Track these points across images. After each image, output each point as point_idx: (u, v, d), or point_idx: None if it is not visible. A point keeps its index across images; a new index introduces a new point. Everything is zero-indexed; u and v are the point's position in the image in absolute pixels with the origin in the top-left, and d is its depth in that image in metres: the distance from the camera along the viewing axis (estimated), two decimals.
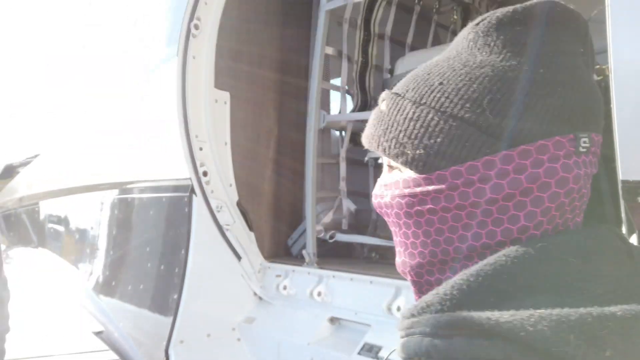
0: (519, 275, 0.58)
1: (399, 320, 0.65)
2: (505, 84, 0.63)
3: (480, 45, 0.68)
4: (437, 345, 0.55)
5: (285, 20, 3.19)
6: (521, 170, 0.62)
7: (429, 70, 0.71)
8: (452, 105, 0.65)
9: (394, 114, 0.70)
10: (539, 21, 0.66)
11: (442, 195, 0.66)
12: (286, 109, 3.20)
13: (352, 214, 3.06)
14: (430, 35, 3.62)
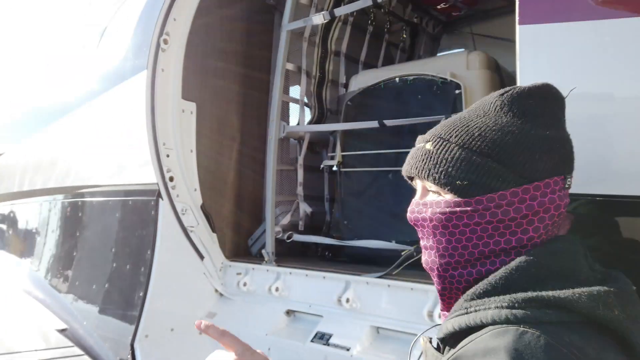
0: (540, 268, 0.89)
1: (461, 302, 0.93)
2: (526, 140, 0.95)
3: (506, 111, 0.99)
4: (516, 314, 0.83)
5: (248, 37, 3.43)
6: (534, 198, 0.94)
7: (466, 123, 1.01)
8: (490, 151, 0.95)
9: (442, 152, 0.99)
10: (543, 97, 1.00)
11: (476, 213, 0.95)
12: (247, 119, 3.43)
13: (308, 216, 3.32)
14: (382, 53, 3.95)
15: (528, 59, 1.62)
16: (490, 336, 0.83)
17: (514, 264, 0.91)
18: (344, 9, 2.93)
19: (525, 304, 0.84)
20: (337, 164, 2.97)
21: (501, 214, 0.94)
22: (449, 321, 0.95)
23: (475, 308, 0.89)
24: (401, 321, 2.31)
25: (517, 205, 0.93)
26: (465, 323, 0.90)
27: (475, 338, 0.86)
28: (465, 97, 2.51)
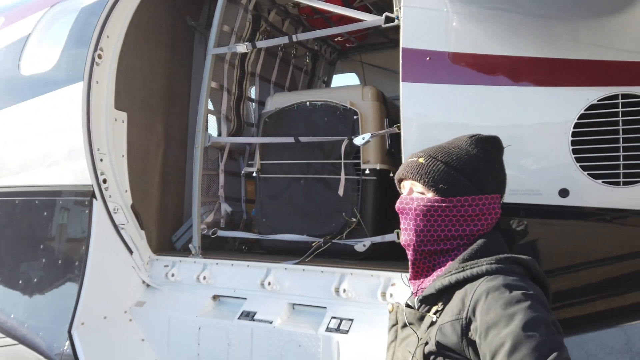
0: (492, 246, 1.41)
1: (452, 266, 1.39)
2: (484, 167, 1.47)
3: (472, 147, 1.49)
4: (499, 268, 1.31)
5: (171, 53, 3.81)
6: (484, 204, 1.45)
7: (448, 149, 1.50)
8: (462, 169, 1.45)
9: (430, 165, 1.46)
10: (493, 144, 1.53)
11: (448, 209, 1.43)
12: (171, 127, 3.82)
13: (228, 214, 3.82)
14: (289, 74, 4.57)
15: (408, 102, 2.36)
16: (487, 281, 1.31)
17: (480, 242, 1.42)
18: (264, 43, 3.50)
19: (503, 262, 1.36)
20: (256, 171, 3.51)
21: (464, 211, 1.44)
22: (445, 278, 1.39)
23: (470, 267, 1.37)
24: (313, 297, 2.93)
25: (474, 207, 1.44)
26: (463, 276, 1.35)
27: (477, 285, 1.31)
28: (361, 122, 3.23)
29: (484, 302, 1.27)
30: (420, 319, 1.43)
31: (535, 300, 1.25)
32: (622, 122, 2.02)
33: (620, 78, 2.03)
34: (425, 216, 1.45)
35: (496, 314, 1.23)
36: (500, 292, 1.26)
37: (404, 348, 1.46)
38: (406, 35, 2.35)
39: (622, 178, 2.04)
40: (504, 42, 2.21)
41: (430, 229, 1.45)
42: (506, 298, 1.24)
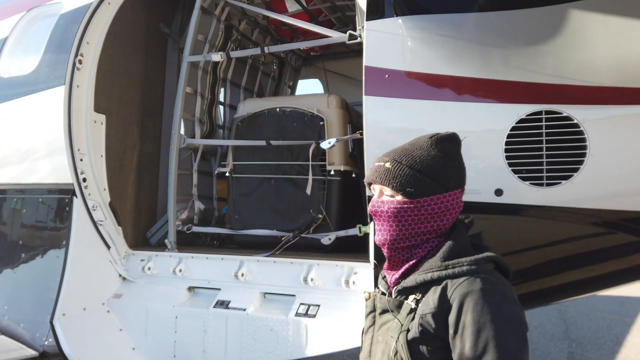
0: (462, 243, 1.53)
1: (431, 268, 1.48)
2: (448, 165, 1.56)
3: (433, 147, 1.57)
4: (477, 269, 1.43)
5: (146, 58, 4.01)
6: (448, 201, 1.55)
7: (411, 152, 1.57)
8: (426, 171, 1.53)
9: (397, 170, 1.54)
10: (452, 141, 1.61)
11: (416, 209, 1.53)
12: (145, 128, 4.02)
13: (201, 212, 4.07)
14: (258, 80, 4.85)
15: (369, 113, 2.71)
16: (468, 283, 1.43)
17: (452, 241, 1.53)
18: (238, 53, 3.78)
19: (479, 262, 1.48)
20: (229, 171, 3.78)
21: (430, 210, 1.55)
22: (427, 274, 1.49)
23: (452, 266, 1.48)
24: (283, 286, 3.24)
25: (439, 205, 1.54)
26: (446, 274, 1.46)
27: (458, 284, 1.43)
28: (327, 127, 3.56)
29: (464, 302, 1.41)
30: (398, 306, 1.56)
31: (507, 304, 1.42)
32: (545, 134, 2.44)
33: (544, 97, 2.45)
34: (396, 217, 1.55)
35: (472, 317, 1.39)
36: (479, 297, 1.40)
37: (384, 333, 1.58)
38: (368, 54, 2.70)
39: (545, 180, 2.46)
40: (450, 64, 2.59)
41: (401, 228, 1.56)
42: (483, 303, 1.39)
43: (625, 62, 2.36)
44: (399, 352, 1.49)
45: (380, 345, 1.59)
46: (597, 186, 2.40)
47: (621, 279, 2.69)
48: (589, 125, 2.38)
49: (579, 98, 2.41)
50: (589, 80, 2.40)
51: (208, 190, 4.24)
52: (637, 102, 2.33)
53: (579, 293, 2.88)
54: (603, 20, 2.41)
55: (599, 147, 2.37)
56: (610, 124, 2.38)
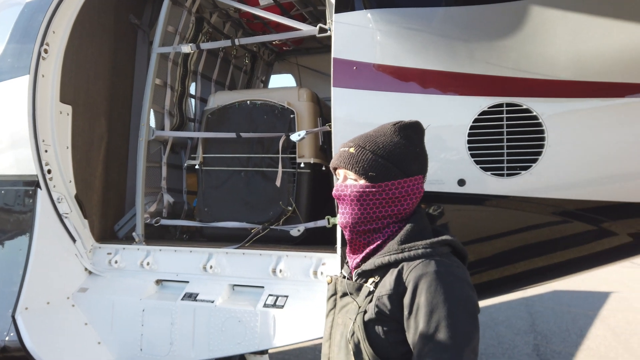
0: (421, 226, 1.58)
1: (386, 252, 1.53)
2: (407, 152, 1.59)
3: (396, 134, 1.61)
4: (432, 252, 1.48)
5: (115, 49, 3.96)
6: (409, 186, 1.58)
7: (374, 138, 1.61)
8: (388, 156, 1.57)
9: (361, 155, 1.58)
10: (415, 128, 1.65)
11: (378, 193, 1.57)
12: (114, 120, 3.97)
13: (170, 205, 4.03)
14: (229, 74, 4.83)
15: (338, 105, 2.74)
16: (422, 265, 1.47)
17: (413, 225, 1.57)
18: (209, 45, 3.76)
19: (434, 245, 1.52)
20: (199, 164, 3.76)
21: (392, 194, 1.59)
22: (384, 257, 1.53)
23: (409, 249, 1.52)
24: (252, 278, 3.25)
25: (400, 190, 1.58)
26: (402, 257, 1.50)
27: (413, 267, 1.47)
28: (297, 120, 3.58)
29: (419, 284, 1.45)
30: (358, 289, 1.60)
31: (459, 286, 1.46)
32: (506, 126, 2.51)
33: (505, 90, 2.52)
34: (358, 201, 1.60)
35: (426, 298, 1.43)
36: (433, 278, 1.44)
37: (344, 315, 1.62)
38: (337, 47, 2.73)
39: (505, 171, 2.53)
40: (416, 56, 2.65)
41: (363, 211, 1.60)
42: (436, 285, 1.43)
43: (582, 57, 2.45)
44: (355, 332, 1.53)
45: (340, 327, 1.63)
46: (554, 176, 2.48)
47: (578, 266, 2.79)
48: (547, 118, 2.47)
49: (538, 91, 2.49)
50: (548, 74, 2.49)
51: (177, 184, 4.21)
52: (594, 96, 2.43)
53: (537, 281, 2.97)
54: (562, 16, 2.50)
55: (556, 138, 2.46)
56: (568, 116, 2.46)
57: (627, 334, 8.27)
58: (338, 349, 1.61)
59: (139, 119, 4.00)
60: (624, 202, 2.47)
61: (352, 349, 1.54)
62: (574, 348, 7.39)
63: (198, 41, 4.17)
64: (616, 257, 2.76)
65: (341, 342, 1.59)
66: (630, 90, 2.45)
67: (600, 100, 2.46)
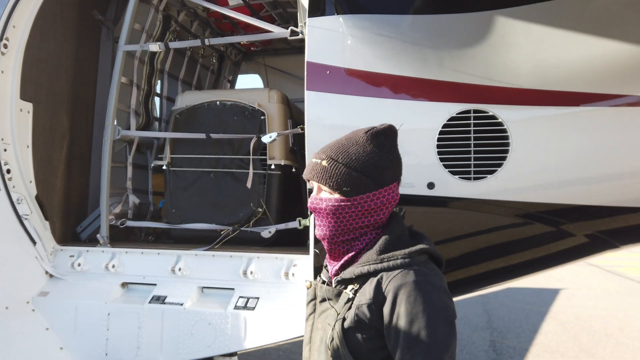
0: (398, 235, 1.57)
1: (365, 262, 1.53)
2: (380, 162, 1.56)
3: (369, 143, 1.58)
4: (410, 262, 1.48)
5: (78, 46, 3.84)
6: (384, 196, 1.57)
7: (346, 149, 1.59)
8: (362, 169, 1.55)
9: (333, 169, 1.57)
10: (387, 134, 1.60)
11: (353, 206, 1.57)
12: (76, 118, 3.85)
13: (136, 206, 3.95)
14: (196, 73, 4.78)
15: (311, 107, 2.77)
16: (402, 275, 1.48)
17: (388, 234, 1.57)
18: (177, 44, 3.70)
19: (412, 254, 1.53)
20: (166, 164, 3.71)
21: (367, 206, 1.59)
22: (363, 267, 1.54)
23: (387, 259, 1.53)
24: (223, 280, 3.23)
25: (375, 201, 1.59)
26: (381, 267, 1.51)
27: (392, 277, 1.48)
28: (268, 122, 3.59)
29: (398, 294, 1.47)
30: (337, 295, 1.61)
31: (437, 295, 1.48)
32: (473, 132, 2.61)
33: (472, 97, 2.62)
34: (334, 214, 1.60)
35: (405, 308, 1.45)
36: (412, 289, 1.46)
37: (323, 320, 1.64)
38: (310, 51, 2.76)
39: (472, 174, 2.63)
40: (388, 62, 2.71)
41: (339, 224, 1.61)
42: (415, 295, 1.46)
43: (543, 67, 2.58)
44: (334, 339, 1.55)
45: (319, 332, 1.65)
46: (518, 180, 2.60)
47: (538, 266, 2.93)
48: (511, 124, 2.58)
49: (503, 99, 2.61)
50: (512, 83, 2.60)
51: (142, 184, 4.13)
52: (554, 104, 2.56)
53: (502, 280, 3.10)
54: (524, 27, 2.62)
55: (520, 144, 2.58)
56: (531, 123, 2.59)
57: (577, 329, 8.71)
58: (318, 353, 1.63)
59: (102, 117, 3.90)
60: (581, 205, 2.62)
61: (331, 354, 1.56)
62: (528, 343, 7.71)
63: (165, 40, 4.10)
64: (573, 257, 2.92)
65: (321, 347, 1.62)
66: (585, 100, 2.60)
67: (559, 108, 2.60)
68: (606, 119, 2.58)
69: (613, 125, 2.58)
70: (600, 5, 2.61)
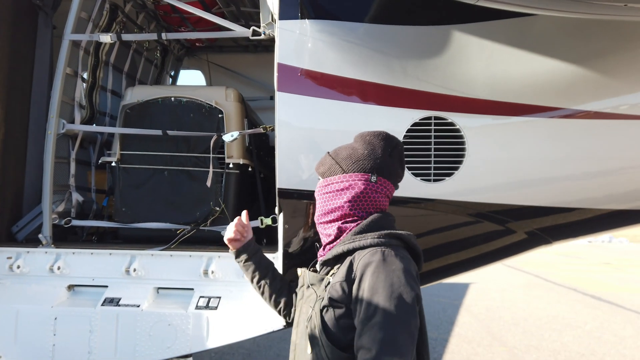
0: (380, 223, 1.72)
1: (346, 240, 1.69)
2: (382, 160, 1.78)
3: (354, 141, 1.87)
4: (379, 242, 1.62)
5: (13, 33, 3.55)
6: (349, 182, 1.76)
7: (354, 145, 1.85)
8: (337, 155, 1.83)
9: (322, 159, 1.85)
10: (384, 138, 1.84)
11: (326, 187, 1.78)
12: (11, 110, 3.56)
13: (79, 204, 3.73)
14: (141, 66, 4.59)
15: (282, 108, 2.83)
16: (369, 254, 1.60)
17: (370, 219, 1.71)
18: (131, 36, 3.56)
19: (384, 237, 1.64)
20: (116, 161, 3.55)
21: (336, 187, 1.77)
22: (339, 247, 1.68)
23: (359, 239, 1.66)
24: (181, 280, 3.17)
25: (340, 184, 1.76)
26: (353, 247, 1.64)
27: (362, 255, 1.60)
28: (226, 120, 3.57)
29: (365, 271, 1.58)
30: (320, 280, 1.74)
31: (400, 274, 1.56)
32: (434, 137, 2.82)
33: (433, 104, 2.83)
34: (317, 195, 1.84)
35: (368, 284, 1.55)
36: (377, 266, 1.57)
37: (307, 304, 1.76)
38: (281, 52, 2.81)
39: (432, 176, 2.84)
40: (356, 68, 2.84)
41: (318, 205, 1.83)
42: (379, 272, 1.55)
43: (495, 79, 2.85)
44: (312, 318, 1.67)
45: (303, 315, 1.77)
46: (472, 182, 2.85)
47: (482, 261, 3.22)
48: (467, 131, 2.82)
49: (460, 107, 2.84)
50: (468, 93, 2.84)
51: (84, 181, 3.90)
52: (505, 114, 2.84)
53: (449, 275, 3.35)
54: (478, 42, 2.88)
55: (475, 149, 2.83)
56: (484, 130, 2.85)
57: (488, 320, 9.48)
58: (301, 335, 1.74)
59: (39, 109, 3.65)
60: (524, 205, 2.93)
61: (307, 333, 1.66)
62: (447, 334, 8.28)
63: (112, 30, 3.91)
64: (512, 253, 3.24)
65: (303, 329, 1.72)
66: (527, 110, 2.91)
67: (507, 117, 2.88)
68: (545, 129, 2.91)
69: (550, 134, 2.91)
70: (541, 28, 2.92)
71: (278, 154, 2.78)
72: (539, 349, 7.47)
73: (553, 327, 8.98)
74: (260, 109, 4.86)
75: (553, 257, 22.83)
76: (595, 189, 2.97)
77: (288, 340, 1.95)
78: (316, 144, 2.78)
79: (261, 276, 2.11)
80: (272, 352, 6.56)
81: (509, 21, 2.87)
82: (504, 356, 7.04)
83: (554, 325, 9.08)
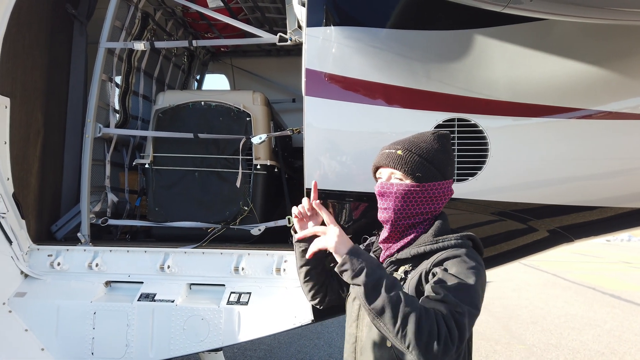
0: (448, 223, 1.86)
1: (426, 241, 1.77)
2: (445, 158, 1.87)
3: (435, 142, 1.87)
4: (461, 243, 1.74)
5: (51, 40, 3.74)
6: (445, 188, 1.86)
7: (418, 144, 1.86)
8: (432, 160, 1.82)
9: (408, 157, 1.81)
10: (449, 139, 1.96)
11: (421, 192, 1.81)
12: (50, 116, 3.75)
13: (114, 204, 3.90)
14: (169, 71, 4.76)
15: (310, 112, 2.94)
16: (453, 250, 1.70)
17: (440, 222, 1.81)
18: (163, 44, 3.72)
19: (463, 237, 1.75)
20: (149, 163, 3.71)
21: (432, 193, 1.83)
22: (420, 247, 1.75)
23: (442, 240, 1.76)
24: (213, 277, 3.31)
25: (439, 190, 1.83)
26: (437, 247, 1.72)
27: (445, 251, 1.69)
28: (254, 123, 3.70)
29: (450, 260, 1.67)
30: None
31: (480, 271, 1.66)
32: (457, 138, 2.91)
33: (456, 107, 2.92)
34: (403, 198, 1.81)
35: (456, 270, 1.63)
36: (462, 259, 1.67)
37: None
38: (309, 58, 2.93)
39: (456, 177, 2.93)
40: (381, 73, 2.94)
41: (406, 207, 1.82)
42: (465, 264, 1.65)
43: (517, 82, 2.93)
44: None
45: None
46: (495, 182, 2.93)
47: (507, 257, 3.30)
48: (490, 132, 2.91)
49: (483, 109, 2.92)
50: (490, 95, 2.93)
51: (118, 183, 4.08)
52: (526, 115, 2.92)
53: None
54: (500, 45, 2.96)
55: (497, 150, 2.91)
56: (507, 131, 2.93)
57: (506, 318, 9.48)
58: (369, 328, 1.81)
59: (75, 113, 3.83)
60: (546, 204, 3.00)
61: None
62: None
63: (143, 37, 4.08)
64: (534, 250, 3.32)
65: (370, 324, 1.77)
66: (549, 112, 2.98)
67: (528, 119, 2.96)
68: (565, 129, 2.98)
69: (571, 134, 2.98)
70: (561, 30, 3.00)
71: (306, 156, 2.90)
72: (558, 347, 7.47)
73: (572, 325, 8.95)
74: (283, 111, 5.00)
75: (570, 256, 22.59)
76: (615, 188, 3.03)
77: (308, 337, 2.02)
78: (342, 146, 2.89)
79: (312, 267, 2.13)
80: (293, 349, 6.68)
81: (529, 24, 2.95)
82: (523, 354, 7.07)
83: (572, 324, 9.05)
